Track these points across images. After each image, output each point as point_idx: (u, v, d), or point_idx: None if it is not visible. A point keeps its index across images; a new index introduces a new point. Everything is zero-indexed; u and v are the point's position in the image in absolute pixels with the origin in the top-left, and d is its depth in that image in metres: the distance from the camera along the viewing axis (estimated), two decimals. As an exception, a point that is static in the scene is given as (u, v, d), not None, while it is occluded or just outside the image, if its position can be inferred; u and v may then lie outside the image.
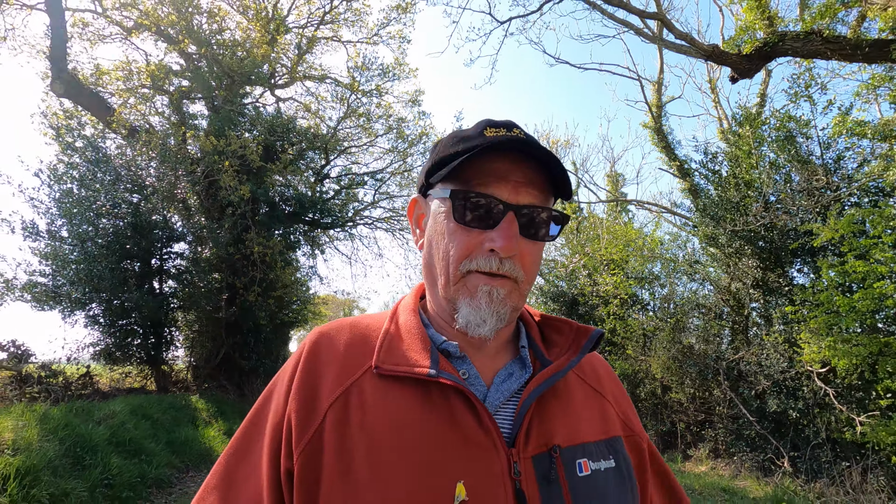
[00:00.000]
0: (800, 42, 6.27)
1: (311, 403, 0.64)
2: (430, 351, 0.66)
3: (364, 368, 0.66)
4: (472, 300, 0.64)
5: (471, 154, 0.63)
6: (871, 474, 4.93)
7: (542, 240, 0.67)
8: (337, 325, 0.73)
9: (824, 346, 5.38)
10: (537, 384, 0.65)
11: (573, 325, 0.75)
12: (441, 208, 0.68)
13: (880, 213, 5.18)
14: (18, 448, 4.09)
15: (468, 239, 0.65)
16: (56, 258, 7.95)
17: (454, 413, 0.62)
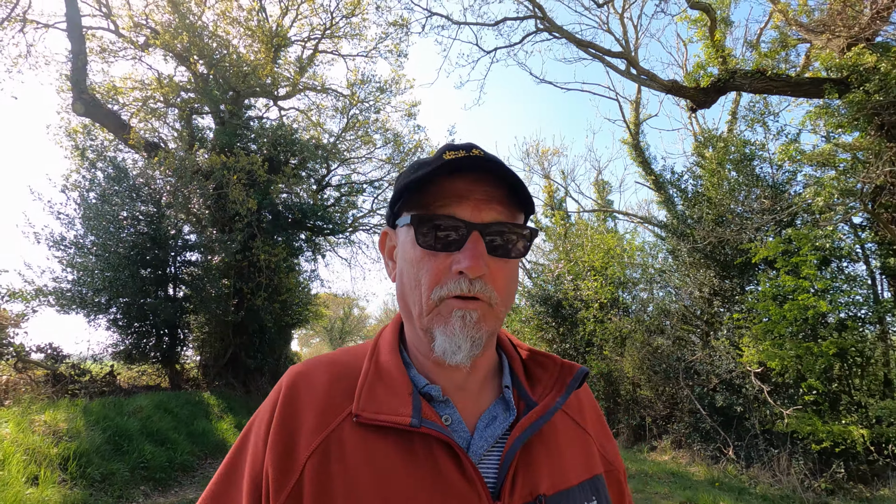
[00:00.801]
0: (748, 79, 7.08)
1: (289, 455, 0.62)
2: (411, 396, 0.64)
3: (343, 414, 0.64)
4: (445, 327, 0.63)
5: (427, 174, 0.63)
6: (794, 459, 5.75)
7: (511, 257, 0.66)
8: (314, 364, 0.71)
9: (761, 349, 6.21)
10: (521, 430, 0.64)
11: (557, 361, 0.73)
12: (407, 236, 0.67)
13: (806, 234, 6.00)
14: (72, 435, 4.92)
15: (436, 264, 0.64)
16: (84, 267, 8.75)
17: (437, 464, 0.60)
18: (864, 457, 5.31)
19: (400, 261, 0.70)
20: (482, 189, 0.64)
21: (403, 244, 0.69)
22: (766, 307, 6.21)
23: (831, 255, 6.47)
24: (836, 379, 5.93)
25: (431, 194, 0.65)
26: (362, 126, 15.18)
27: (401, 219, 0.69)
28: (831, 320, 6.28)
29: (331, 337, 40.08)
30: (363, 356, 0.72)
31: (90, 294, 9.08)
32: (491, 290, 0.63)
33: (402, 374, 0.68)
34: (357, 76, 14.01)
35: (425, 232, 0.64)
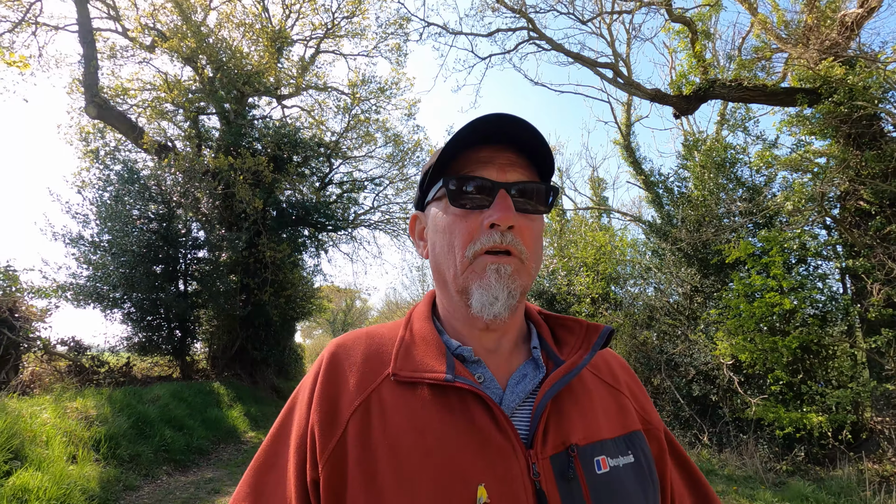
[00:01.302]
0: (726, 89, 7.49)
1: (333, 414, 0.66)
2: (445, 356, 0.68)
3: (382, 376, 0.68)
4: (481, 281, 0.66)
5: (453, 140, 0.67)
6: (759, 444, 6.25)
7: (536, 212, 0.70)
8: (353, 336, 0.75)
9: (733, 343, 6.69)
10: (551, 384, 0.66)
11: (583, 323, 0.76)
12: (439, 207, 0.72)
13: (775, 237, 6.46)
14: (101, 421, 5.44)
15: (468, 223, 0.68)
16: (100, 264, 9.26)
17: (472, 416, 0.63)
18: (819, 441, 5.81)
19: (432, 234, 0.75)
20: (505, 155, 0.69)
21: (434, 217, 0.74)
22: (738, 304, 6.68)
23: (799, 256, 6.93)
24: (800, 370, 6.41)
25: (459, 164, 0.70)
26: (363, 125, 15.60)
27: (433, 189, 0.74)
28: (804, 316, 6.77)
29: (333, 329, 40.68)
30: (398, 327, 0.76)
31: (106, 289, 9.60)
32: (521, 245, 0.67)
33: (435, 338, 0.72)
34: (358, 77, 14.40)
35: (456, 191, 0.68)
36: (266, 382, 13.72)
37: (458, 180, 0.68)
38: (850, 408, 5.75)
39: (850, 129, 6.52)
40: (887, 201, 6.18)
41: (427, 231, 0.77)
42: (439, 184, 0.72)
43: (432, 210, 0.75)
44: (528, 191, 0.69)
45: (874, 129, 6.43)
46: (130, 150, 12.84)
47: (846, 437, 5.61)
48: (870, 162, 6.16)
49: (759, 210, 7.11)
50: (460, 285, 0.68)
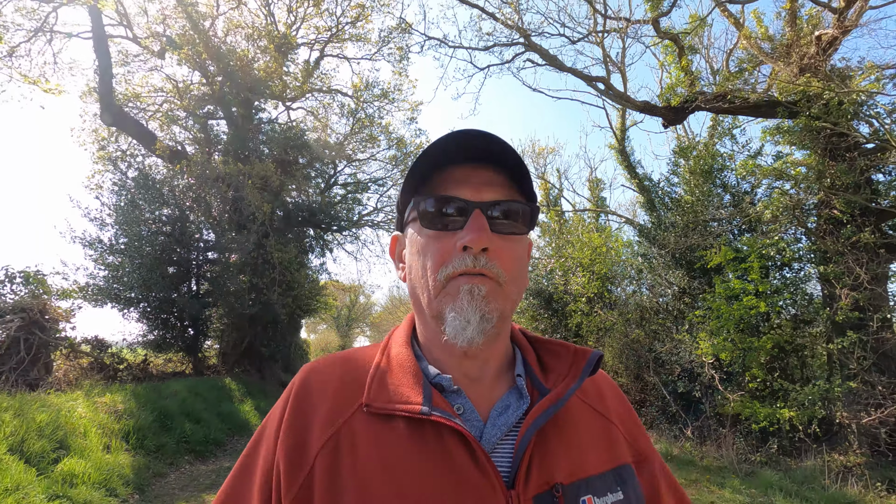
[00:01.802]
0: (711, 102, 7.89)
1: (300, 448, 0.62)
2: (422, 385, 0.64)
3: (354, 406, 0.64)
4: (454, 304, 0.62)
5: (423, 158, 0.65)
6: (736, 437, 6.71)
7: (514, 233, 0.66)
8: (327, 361, 0.71)
9: (714, 342, 7.13)
10: (535, 416, 0.62)
11: (570, 347, 0.72)
12: (414, 228, 0.68)
13: (753, 243, 6.88)
14: (128, 414, 5.95)
15: (441, 245, 0.64)
16: (118, 266, 9.77)
17: (449, 453, 0.59)
18: (788, 435, 6.26)
19: (409, 256, 0.71)
20: (481, 174, 0.65)
21: (411, 238, 0.70)
22: (719, 306, 7.11)
23: (781, 262, 7.35)
24: (776, 369, 6.85)
25: (433, 183, 0.66)
26: (367, 128, 16.04)
27: (407, 208, 0.70)
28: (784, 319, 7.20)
29: (337, 324, 41.25)
30: (375, 352, 0.72)
31: (123, 290, 10.12)
32: (497, 268, 0.63)
33: (413, 365, 0.67)
34: (362, 83, 14.82)
35: (428, 212, 0.65)
36: (274, 377, 14.26)
37: (429, 201, 0.65)
38: (820, 404, 6.19)
39: (826, 142, 6.92)
40: (858, 211, 6.58)
41: (405, 253, 0.73)
42: (411, 204, 0.69)
43: (409, 231, 0.71)
44: (507, 211, 0.65)
45: (848, 142, 6.82)
46: (144, 154, 13.37)
47: (814, 431, 6.06)
48: (841, 174, 6.57)
49: (742, 217, 7.52)
50: (435, 310, 0.65)
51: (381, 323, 43.81)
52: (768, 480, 5.36)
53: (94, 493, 4.03)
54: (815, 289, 7.43)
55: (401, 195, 0.71)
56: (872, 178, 6.91)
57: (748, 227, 8.04)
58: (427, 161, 0.65)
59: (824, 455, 5.91)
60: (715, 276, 7.45)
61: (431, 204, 0.65)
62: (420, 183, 0.68)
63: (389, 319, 40.01)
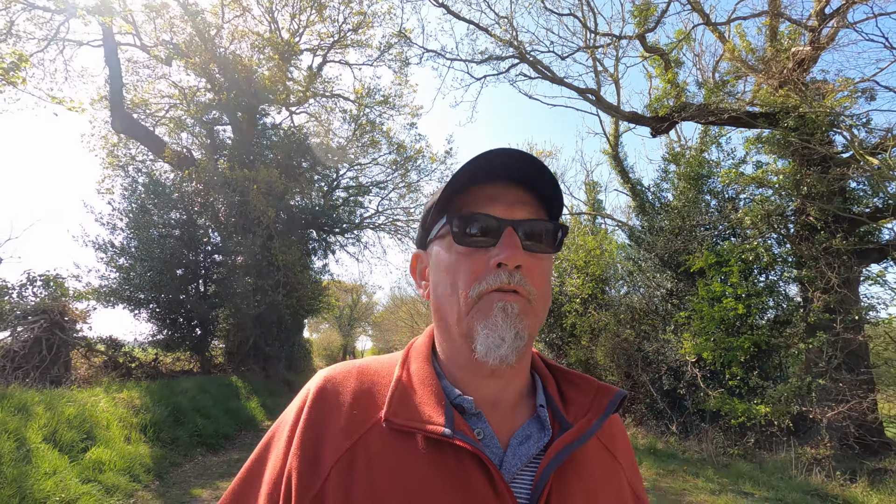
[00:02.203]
0: (696, 113, 8.28)
1: (314, 460, 0.61)
2: (444, 406, 0.63)
3: (372, 422, 0.63)
4: (487, 321, 0.61)
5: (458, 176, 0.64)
6: (716, 431, 7.10)
7: (544, 252, 0.66)
8: (344, 371, 0.70)
9: (697, 342, 7.52)
10: (557, 451, 0.62)
11: (593, 382, 0.72)
12: (442, 245, 0.68)
13: (732, 249, 7.27)
14: (145, 409, 6.37)
15: (473, 262, 0.64)
16: (129, 268, 10.20)
17: (468, 479, 0.58)
18: (763, 429, 6.65)
19: (434, 274, 0.70)
20: (513, 193, 0.66)
21: (437, 255, 0.69)
22: (701, 308, 7.51)
23: (762, 265, 7.73)
24: (755, 367, 7.23)
25: (464, 200, 0.67)
26: (368, 133, 16.46)
27: (436, 226, 0.70)
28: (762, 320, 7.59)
29: (339, 324, 41.68)
30: (394, 364, 0.71)
31: (134, 291, 10.55)
32: (529, 285, 0.63)
33: (434, 383, 0.66)
34: (363, 90, 15.23)
35: (461, 228, 0.64)
36: (278, 376, 14.70)
37: (462, 218, 0.65)
38: (794, 400, 6.58)
39: (802, 153, 7.30)
40: (831, 218, 6.97)
41: (429, 271, 0.72)
42: (442, 221, 0.68)
43: (435, 248, 0.71)
44: (537, 230, 0.66)
45: (822, 152, 7.20)
46: (152, 159, 13.80)
47: (788, 426, 6.44)
48: (815, 183, 6.95)
49: (727, 223, 7.91)
50: (465, 328, 0.64)
51: (382, 322, 44.21)
52: (741, 471, 5.76)
53: (120, 478, 4.45)
54: (795, 291, 7.82)
55: (428, 212, 0.72)
56: (848, 186, 7.30)
57: (731, 232, 8.43)
58: (459, 179, 0.65)
59: (795, 448, 6.31)
60: (698, 280, 7.84)
61: (465, 221, 0.65)
62: (450, 200, 0.68)
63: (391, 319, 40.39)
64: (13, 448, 3.89)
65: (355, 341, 47.24)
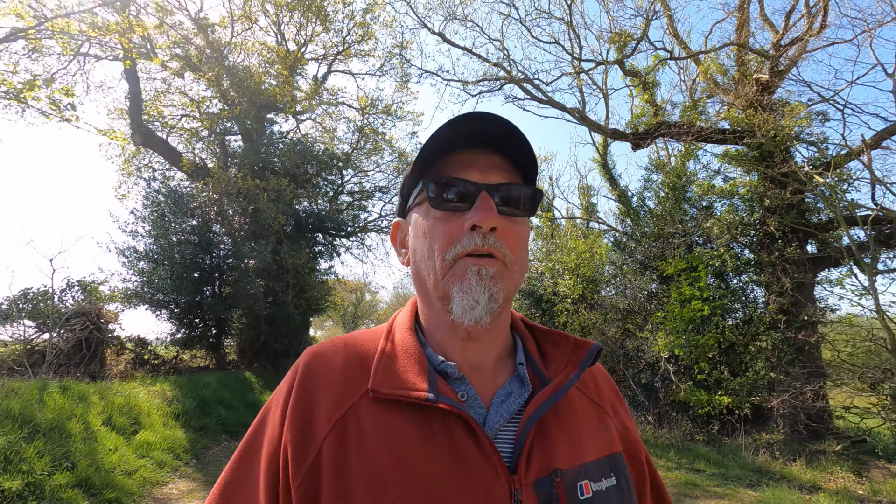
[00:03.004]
0: (671, 130, 9.04)
1: (307, 432, 0.63)
2: (427, 372, 0.65)
3: (360, 392, 0.65)
4: (462, 284, 0.64)
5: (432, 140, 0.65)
6: (686, 420, 7.90)
7: (520, 216, 0.68)
8: (331, 345, 0.73)
9: (670, 340, 8.32)
10: (537, 405, 0.64)
11: (570, 338, 0.74)
12: (419, 211, 0.70)
13: (700, 256, 8.05)
14: (176, 400, 7.22)
15: (449, 226, 0.66)
16: (151, 272, 11.07)
17: (454, 439, 0.61)
18: (724, 417, 7.45)
19: (413, 240, 0.72)
20: (487, 158, 0.68)
21: (416, 222, 0.71)
22: (674, 309, 8.30)
23: (730, 270, 8.51)
24: (721, 362, 8.03)
25: (440, 166, 0.68)
26: (371, 139, 17.27)
27: (413, 192, 0.72)
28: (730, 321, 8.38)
29: (344, 321, 42.62)
30: (378, 336, 0.73)
31: (154, 293, 11.41)
32: (504, 248, 0.64)
33: (418, 352, 0.68)
34: (366, 100, 16.04)
35: (437, 193, 0.66)
36: (286, 371, 15.53)
37: (438, 184, 0.66)
38: (752, 392, 7.37)
39: (766, 168, 8.07)
40: (788, 229, 7.74)
41: (408, 238, 0.74)
42: (419, 187, 0.70)
43: (413, 216, 0.72)
44: (513, 194, 0.67)
45: (783, 170, 7.97)
46: (167, 168, 14.66)
47: (746, 415, 7.24)
48: (774, 197, 7.73)
49: (699, 231, 8.69)
50: (441, 290, 0.66)
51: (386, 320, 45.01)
52: (699, 453, 6.57)
53: (165, 455, 5.30)
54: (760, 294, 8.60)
55: (406, 179, 0.73)
56: (805, 199, 8.06)
57: (706, 239, 9.21)
58: (434, 145, 0.66)
59: (752, 434, 7.11)
60: (672, 283, 8.63)
61: (440, 186, 0.66)
62: (427, 167, 0.69)
63: (394, 316, 41.22)
64: (82, 429, 4.74)
65: (359, 338, 47.96)
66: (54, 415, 4.59)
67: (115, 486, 4.22)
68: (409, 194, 0.74)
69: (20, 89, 6.20)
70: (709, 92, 9.62)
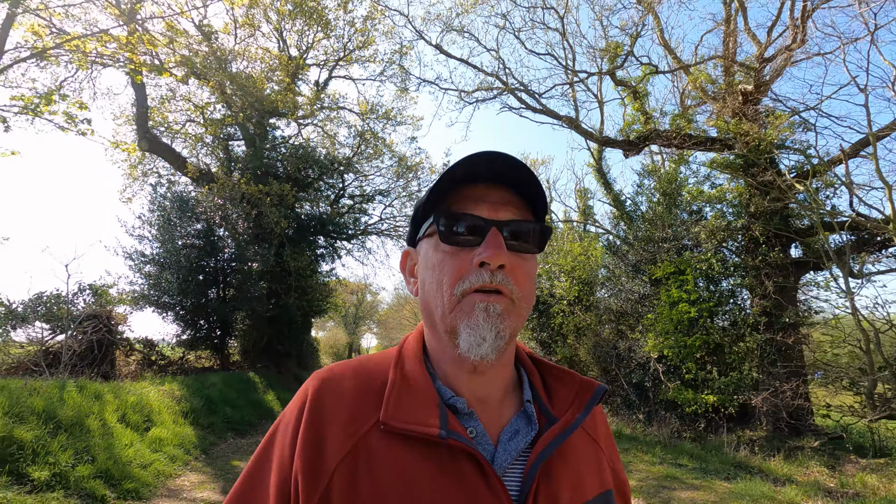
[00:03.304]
0: (661, 138, 9.36)
1: (318, 461, 0.63)
2: (438, 407, 0.66)
3: (371, 422, 0.66)
4: (469, 320, 0.65)
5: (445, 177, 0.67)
6: (674, 418, 8.20)
7: (528, 252, 0.69)
8: (340, 370, 0.73)
9: (660, 341, 8.62)
10: (544, 445, 0.66)
11: (576, 377, 0.76)
12: (430, 244, 0.71)
13: (688, 260, 8.35)
14: (184, 399, 7.54)
15: (458, 261, 0.67)
16: (156, 275, 11.41)
17: (464, 476, 0.62)
18: (710, 415, 7.75)
19: (422, 271, 0.73)
20: (498, 193, 0.69)
21: (426, 254, 0.72)
22: (663, 311, 8.60)
23: (717, 274, 8.81)
24: (708, 362, 8.33)
25: (451, 200, 0.70)
26: (371, 143, 17.61)
27: (424, 224, 0.73)
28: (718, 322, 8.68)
29: (345, 322, 42.94)
30: (388, 364, 0.73)
31: (160, 296, 11.75)
32: (512, 284, 0.65)
33: (428, 385, 0.69)
34: (367, 107, 16.38)
35: (447, 228, 0.67)
36: (289, 372, 15.92)
37: (448, 217, 0.67)
38: (738, 391, 7.67)
39: (749, 175, 8.38)
40: (772, 233, 8.04)
41: (418, 268, 0.75)
42: (430, 220, 0.71)
43: (423, 247, 0.74)
44: (522, 230, 0.68)
45: (768, 176, 8.28)
46: (171, 172, 15.01)
47: (731, 413, 7.55)
48: (759, 203, 8.03)
49: (689, 236, 8.99)
50: (448, 325, 0.67)
51: (387, 321, 45.43)
52: (684, 449, 6.88)
53: (176, 450, 5.62)
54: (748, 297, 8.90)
55: (417, 211, 0.75)
56: (788, 205, 8.36)
57: (695, 244, 9.51)
58: (447, 180, 0.68)
59: (736, 431, 7.42)
60: (661, 286, 8.94)
61: (450, 220, 0.67)
62: (439, 200, 0.70)
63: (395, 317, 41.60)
64: (99, 426, 5.07)
65: (360, 339, 48.49)
66: (74, 412, 4.92)
67: (133, 477, 4.55)
68: (419, 225, 0.76)
69: (37, 104, 6.53)
70: (699, 100, 9.93)
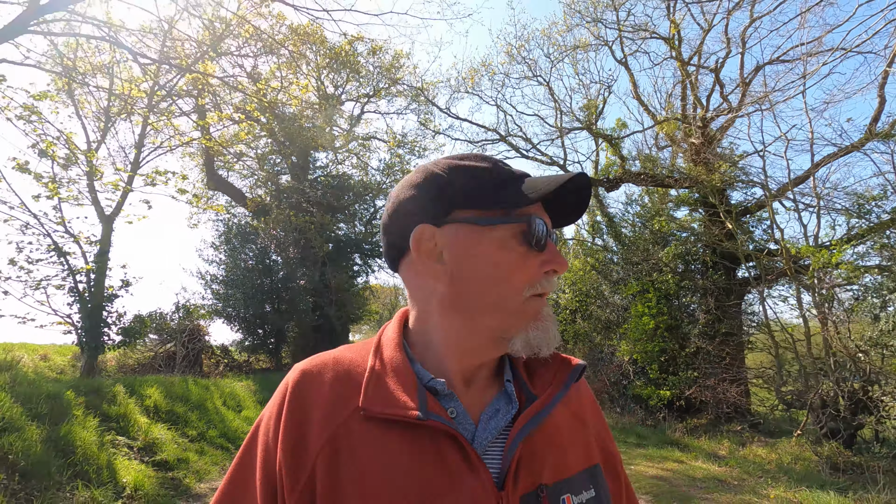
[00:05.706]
0: (634, 178, 11.30)
1: (300, 451, 0.65)
2: (417, 390, 0.67)
3: (350, 409, 0.67)
4: (539, 323, 0.68)
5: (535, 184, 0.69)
6: (640, 410, 10.13)
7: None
8: (319, 362, 0.74)
9: (630, 347, 10.58)
10: (524, 422, 0.67)
11: (557, 356, 0.76)
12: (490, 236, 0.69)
13: (651, 281, 10.29)
14: (258, 392, 10.03)
15: (530, 264, 0.68)
16: (231, 296, 14.11)
17: (444, 456, 0.63)
18: (665, 407, 9.66)
19: (462, 259, 0.69)
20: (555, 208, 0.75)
21: (479, 245, 0.68)
22: (634, 322, 10.55)
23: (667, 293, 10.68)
24: (668, 364, 10.22)
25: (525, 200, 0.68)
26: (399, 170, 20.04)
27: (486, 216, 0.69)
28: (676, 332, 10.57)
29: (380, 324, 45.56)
30: (366, 353, 0.74)
31: (228, 309, 14.46)
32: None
33: (407, 369, 0.70)
34: (394, 143, 18.84)
35: (528, 232, 0.68)
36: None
37: (533, 222, 0.68)
38: (686, 388, 9.55)
39: (707, 209, 10.23)
40: (719, 259, 9.89)
41: (447, 252, 0.70)
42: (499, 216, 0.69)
43: (466, 233, 0.69)
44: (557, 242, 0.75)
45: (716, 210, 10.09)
46: (232, 205, 17.83)
47: (681, 405, 9.45)
48: (708, 234, 9.90)
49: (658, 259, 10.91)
50: (508, 324, 0.68)
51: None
52: (637, 432, 8.85)
53: (261, 426, 8.07)
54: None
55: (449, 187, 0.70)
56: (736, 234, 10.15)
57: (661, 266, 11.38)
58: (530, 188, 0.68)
59: (686, 419, 9.32)
60: (631, 301, 10.88)
61: (534, 225, 0.68)
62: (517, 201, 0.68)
63: (426, 321, 43.88)
64: (213, 407, 7.54)
65: (394, 342, 50.84)
66: (198, 397, 7.41)
67: (240, 440, 6.98)
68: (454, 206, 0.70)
69: (154, 177, 9.13)
70: (668, 143, 11.79)
